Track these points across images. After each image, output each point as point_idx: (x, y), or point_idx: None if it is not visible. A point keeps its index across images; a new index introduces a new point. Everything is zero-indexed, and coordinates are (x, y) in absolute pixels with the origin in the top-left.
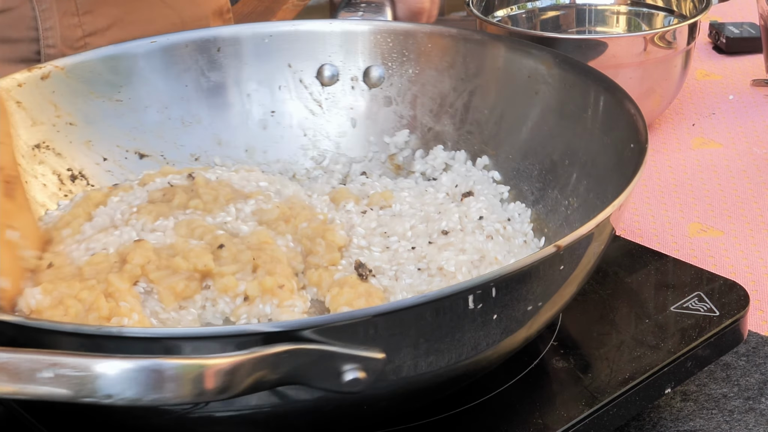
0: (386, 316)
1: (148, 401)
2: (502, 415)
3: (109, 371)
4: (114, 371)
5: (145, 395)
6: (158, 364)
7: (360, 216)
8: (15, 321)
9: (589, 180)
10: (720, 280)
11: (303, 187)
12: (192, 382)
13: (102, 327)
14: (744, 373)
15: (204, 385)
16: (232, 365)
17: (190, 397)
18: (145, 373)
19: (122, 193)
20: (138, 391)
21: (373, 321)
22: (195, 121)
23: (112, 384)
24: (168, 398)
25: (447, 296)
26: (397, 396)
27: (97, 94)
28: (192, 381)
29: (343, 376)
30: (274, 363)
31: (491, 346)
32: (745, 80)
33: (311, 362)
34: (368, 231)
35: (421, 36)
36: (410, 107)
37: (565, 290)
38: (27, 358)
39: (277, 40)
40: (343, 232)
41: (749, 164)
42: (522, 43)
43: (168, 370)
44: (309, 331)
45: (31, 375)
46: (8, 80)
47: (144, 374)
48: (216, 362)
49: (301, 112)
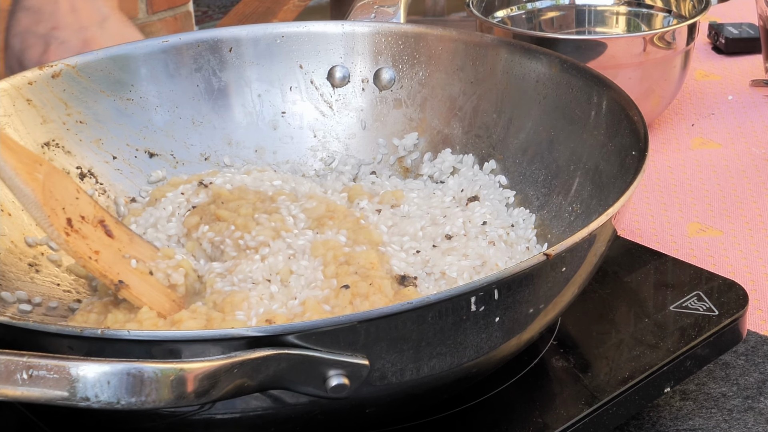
0: (370, 323)
1: (125, 404)
2: (501, 414)
3: (88, 374)
4: (92, 374)
5: (122, 398)
6: (137, 367)
7: (376, 214)
8: (1, 321)
9: (593, 186)
10: (719, 279)
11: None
12: (171, 386)
13: (86, 329)
14: (743, 372)
15: (184, 388)
16: (212, 369)
17: (170, 401)
18: (123, 375)
19: (141, 220)
20: (116, 394)
21: (357, 327)
22: (205, 120)
23: (89, 386)
24: (147, 401)
25: (430, 305)
26: (400, 399)
27: (108, 93)
28: (171, 384)
29: (328, 381)
30: (256, 367)
31: (487, 352)
32: (744, 81)
33: (294, 367)
34: (389, 230)
35: (431, 39)
36: (420, 110)
37: (566, 293)
38: (3, 359)
39: (289, 41)
40: (379, 231)
41: (748, 164)
42: (531, 48)
43: (147, 373)
44: (292, 336)
45: (8, 376)
46: (19, 78)
47: (122, 377)
48: (196, 366)
49: (312, 113)
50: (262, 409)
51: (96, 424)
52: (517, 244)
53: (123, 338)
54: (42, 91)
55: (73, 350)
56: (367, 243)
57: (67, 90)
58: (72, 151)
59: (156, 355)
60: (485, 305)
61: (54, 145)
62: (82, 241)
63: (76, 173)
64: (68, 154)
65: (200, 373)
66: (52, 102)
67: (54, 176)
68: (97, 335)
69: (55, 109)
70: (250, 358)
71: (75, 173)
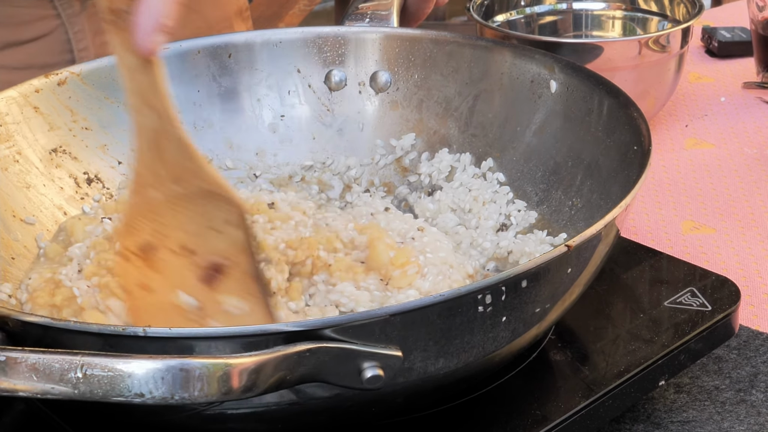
0: (403, 315)
1: (177, 400)
2: (502, 405)
3: (138, 371)
4: (142, 371)
5: (173, 394)
6: (185, 363)
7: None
8: (41, 322)
9: (593, 181)
10: (712, 276)
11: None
12: (218, 381)
13: (128, 327)
14: (735, 365)
15: (230, 383)
16: (256, 364)
17: (217, 396)
18: (173, 372)
19: None
20: (167, 390)
21: (390, 320)
22: (207, 125)
23: (142, 383)
24: (196, 397)
25: (462, 296)
26: (414, 392)
27: (112, 100)
28: (218, 380)
29: (364, 373)
30: (296, 361)
31: (510, 341)
32: (736, 83)
33: (332, 360)
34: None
35: (426, 42)
36: (416, 111)
37: (573, 291)
38: (58, 358)
39: (287, 46)
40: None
41: (740, 164)
42: (525, 49)
43: (195, 369)
44: (329, 330)
45: (62, 375)
46: (26, 86)
47: (172, 373)
48: (241, 361)
49: (310, 116)
50: (287, 403)
51: (108, 416)
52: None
53: (165, 336)
54: (48, 99)
55: (114, 349)
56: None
57: (72, 97)
58: (78, 157)
59: (200, 352)
60: (511, 296)
61: (61, 151)
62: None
63: (84, 178)
64: (75, 160)
65: (246, 368)
66: (58, 109)
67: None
68: (139, 334)
69: (62, 116)
70: (291, 352)
71: (82, 178)
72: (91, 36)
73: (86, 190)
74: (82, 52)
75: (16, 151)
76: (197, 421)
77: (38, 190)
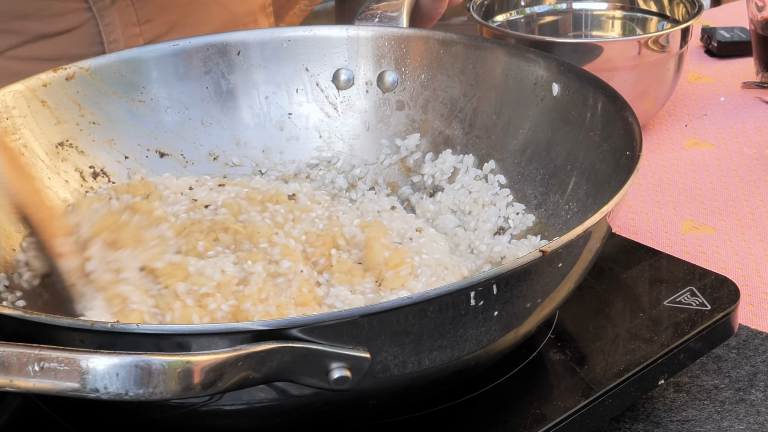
0: (371, 317)
1: (133, 396)
2: (500, 405)
3: (97, 366)
4: (101, 366)
5: (131, 390)
6: (145, 359)
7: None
8: (15, 315)
9: (588, 185)
10: (711, 275)
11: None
12: (179, 378)
13: (97, 322)
14: (735, 365)
15: (191, 380)
16: (218, 361)
17: (177, 393)
18: (131, 368)
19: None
20: (124, 386)
21: (359, 321)
22: (214, 121)
23: (99, 378)
24: (154, 393)
25: (430, 299)
26: (387, 394)
27: (120, 95)
28: (179, 376)
29: (331, 373)
30: (260, 360)
31: (485, 345)
32: (735, 83)
33: (298, 360)
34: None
35: (433, 42)
36: (422, 111)
37: (562, 288)
38: (16, 351)
39: (295, 44)
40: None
41: (740, 164)
42: (529, 52)
43: (155, 366)
44: (296, 330)
45: (20, 368)
46: (34, 80)
47: (130, 369)
48: (203, 359)
49: (317, 114)
50: (268, 401)
51: (107, 414)
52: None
53: (132, 332)
54: (56, 93)
55: (84, 343)
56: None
57: (80, 92)
58: (85, 151)
59: (164, 348)
60: (484, 300)
61: (68, 145)
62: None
63: (89, 172)
64: (81, 154)
65: (206, 366)
66: (66, 103)
67: None
68: (106, 329)
69: (69, 111)
70: (254, 351)
71: (88, 172)
72: (121, 28)
73: (91, 184)
74: (112, 44)
75: (22, 144)
76: (189, 419)
77: (43, 182)
